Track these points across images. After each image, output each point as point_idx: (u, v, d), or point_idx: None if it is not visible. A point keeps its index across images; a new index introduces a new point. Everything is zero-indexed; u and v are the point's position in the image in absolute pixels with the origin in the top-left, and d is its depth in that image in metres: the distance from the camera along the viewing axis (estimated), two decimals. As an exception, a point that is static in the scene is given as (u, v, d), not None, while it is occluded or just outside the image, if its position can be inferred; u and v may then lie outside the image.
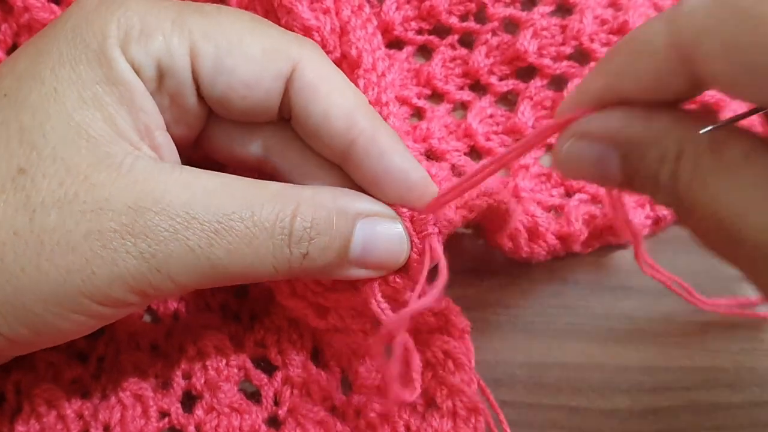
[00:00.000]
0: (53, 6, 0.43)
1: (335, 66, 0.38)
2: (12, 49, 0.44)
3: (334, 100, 0.36)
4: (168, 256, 0.32)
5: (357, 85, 0.40)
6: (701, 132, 0.28)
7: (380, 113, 0.39)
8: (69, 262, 0.32)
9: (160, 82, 0.35)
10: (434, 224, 0.36)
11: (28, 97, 0.33)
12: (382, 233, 0.36)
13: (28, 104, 0.33)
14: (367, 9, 0.44)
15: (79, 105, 0.33)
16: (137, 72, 0.34)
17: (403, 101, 0.47)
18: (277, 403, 0.42)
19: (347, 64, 0.42)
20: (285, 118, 0.38)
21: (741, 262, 0.28)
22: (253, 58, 0.35)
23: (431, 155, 0.46)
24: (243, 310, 0.44)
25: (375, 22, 0.44)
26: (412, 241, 0.36)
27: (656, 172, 0.29)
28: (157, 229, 0.32)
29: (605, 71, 0.29)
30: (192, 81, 0.35)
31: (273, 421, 0.42)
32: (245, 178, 0.35)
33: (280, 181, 0.36)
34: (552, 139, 0.46)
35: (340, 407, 0.41)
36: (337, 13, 0.42)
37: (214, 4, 0.36)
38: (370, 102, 0.39)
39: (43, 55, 0.34)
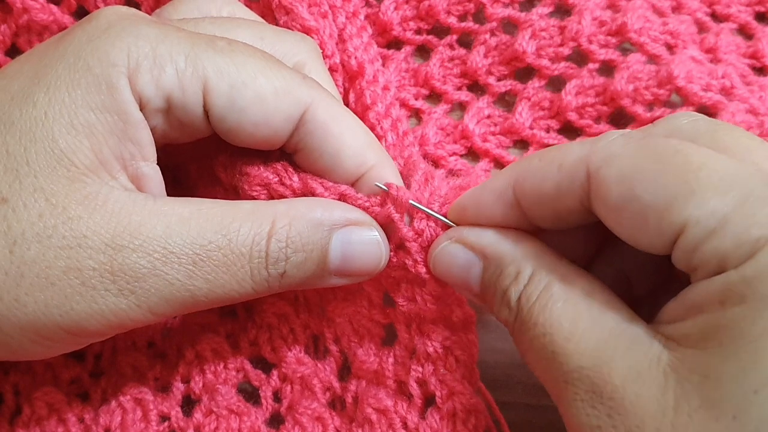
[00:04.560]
0: (52, 7, 0.43)
1: (344, 105, 0.38)
2: (11, 49, 0.44)
3: (346, 140, 0.36)
4: (147, 292, 0.33)
5: (363, 96, 0.41)
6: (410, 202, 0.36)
7: (387, 127, 0.40)
8: (48, 297, 0.32)
9: (168, 111, 0.35)
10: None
11: (18, 120, 0.33)
12: (359, 241, 0.36)
13: (17, 127, 0.33)
14: (361, 16, 0.44)
15: (67, 131, 0.32)
16: (144, 104, 0.34)
17: (401, 103, 0.47)
18: (278, 400, 0.42)
19: (346, 73, 0.42)
20: (287, 152, 0.38)
21: (556, 381, 0.31)
22: (264, 98, 0.35)
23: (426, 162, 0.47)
24: (238, 305, 0.44)
25: (370, 31, 0.44)
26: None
27: (507, 288, 0.33)
28: (136, 266, 0.32)
29: (517, 169, 0.34)
30: (203, 113, 0.35)
31: (274, 420, 0.42)
32: (218, 200, 0.35)
33: None
34: (551, 139, 0.47)
35: (341, 395, 0.41)
36: (333, 19, 0.42)
37: (226, 38, 0.36)
38: (378, 115, 0.40)
39: (40, 77, 0.33)
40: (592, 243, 0.36)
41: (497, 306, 0.34)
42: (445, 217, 0.37)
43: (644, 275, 0.36)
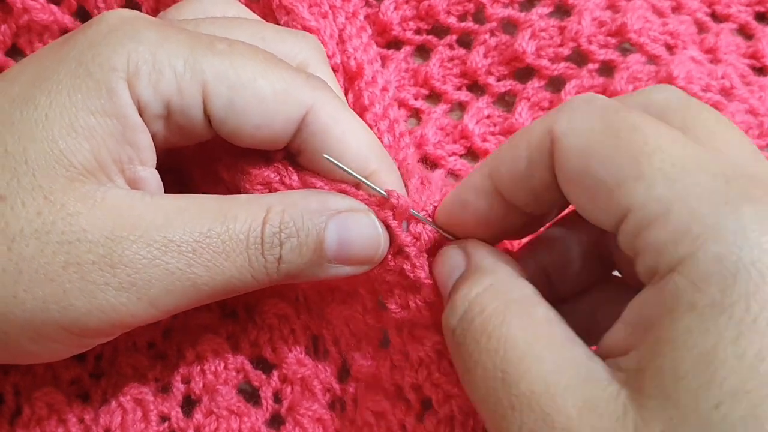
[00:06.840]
0: (53, 7, 0.43)
1: (347, 106, 0.38)
2: (11, 50, 0.44)
3: (349, 142, 0.36)
4: (148, 283, 0.33)
5: (361, 97, 0.41)
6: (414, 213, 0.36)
7: (384, 128, 0.40)
8: (47, 293, 0.32)
9: (168, 117, 0.35)
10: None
11: (19, 121, 0.33)
12: (356, 227, 0.36)
13: (16, 128, 0.33)
14: (361, 16, 0.44)
15: (67, 132, 0.33)
16: (142, 109, 0.34)
17: (400, 103, 0.47)
18: (278, 401, 0.42)
19: (346, 73, 0.42)
20: (291, 153, 0.38)
21: (500, 405, 0.29)
22: (265, 100, 0.35)
23: (426, 162, 0.47)
24: (239, 305, 0.44)
25: (369, 31, 0.44)
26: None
27: (464, 290, 0.32)
28: (135, 257, 0.32)
29: (490, 160, 0.34)
30: (203, 117, 0.35)
31: (274, 420, 0.42)
32: (214, 195, 0.35)
33: None
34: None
35: (341, 397, 0.41)
36: (333, 19, 0.42)
37: (227, 39, 0.36)
38: (376, 116, 0.40)
39: (42, 79, 0.33)
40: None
41: (448, 311, 0.33)
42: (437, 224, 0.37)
43: (566, 277, 0.36)
